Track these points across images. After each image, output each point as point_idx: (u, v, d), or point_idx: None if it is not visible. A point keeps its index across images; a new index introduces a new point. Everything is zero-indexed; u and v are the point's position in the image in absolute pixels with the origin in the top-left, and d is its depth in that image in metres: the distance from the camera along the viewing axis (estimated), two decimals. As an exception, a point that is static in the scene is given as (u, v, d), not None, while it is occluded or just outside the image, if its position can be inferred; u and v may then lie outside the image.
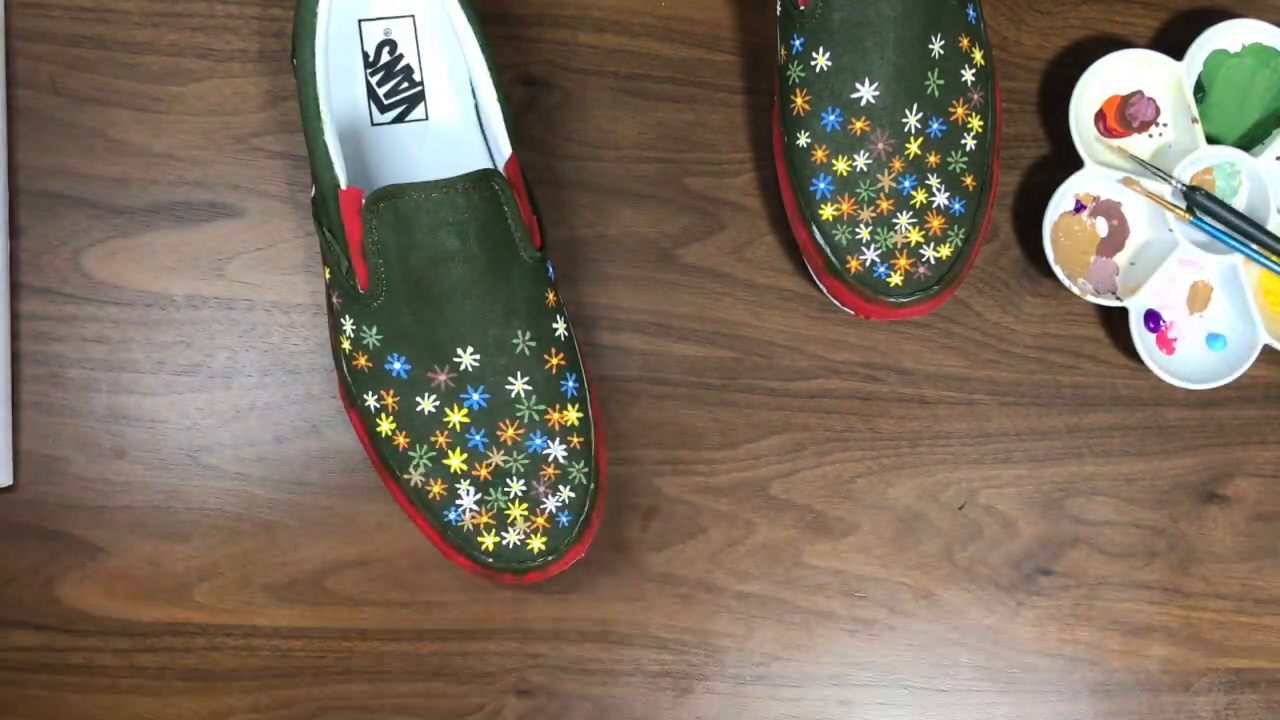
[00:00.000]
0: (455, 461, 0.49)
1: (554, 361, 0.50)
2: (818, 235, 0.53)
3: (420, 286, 0.48)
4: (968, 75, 0.52)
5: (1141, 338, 0.57)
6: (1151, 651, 0.59)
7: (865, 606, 0.58)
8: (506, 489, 0.50)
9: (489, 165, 0.53)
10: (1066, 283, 0.57)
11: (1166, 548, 0.59)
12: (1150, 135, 0.59)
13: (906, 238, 0.52)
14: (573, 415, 0.50)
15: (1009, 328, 0.59)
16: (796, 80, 0.52)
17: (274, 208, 0.56)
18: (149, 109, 0.56)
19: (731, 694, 0.57)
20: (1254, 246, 0.58)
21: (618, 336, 0.57)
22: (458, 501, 0.50)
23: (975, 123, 0.53)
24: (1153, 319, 0.58)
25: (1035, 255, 0.60)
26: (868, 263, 0.52)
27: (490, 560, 0.50)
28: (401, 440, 0.50)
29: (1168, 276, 0.58)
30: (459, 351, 0.49)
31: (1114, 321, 0.60)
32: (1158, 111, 0.59)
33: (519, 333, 0.49)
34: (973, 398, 0.59)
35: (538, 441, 0.50)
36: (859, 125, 0.51)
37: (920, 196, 0.52)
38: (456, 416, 0.49)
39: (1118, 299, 0.57)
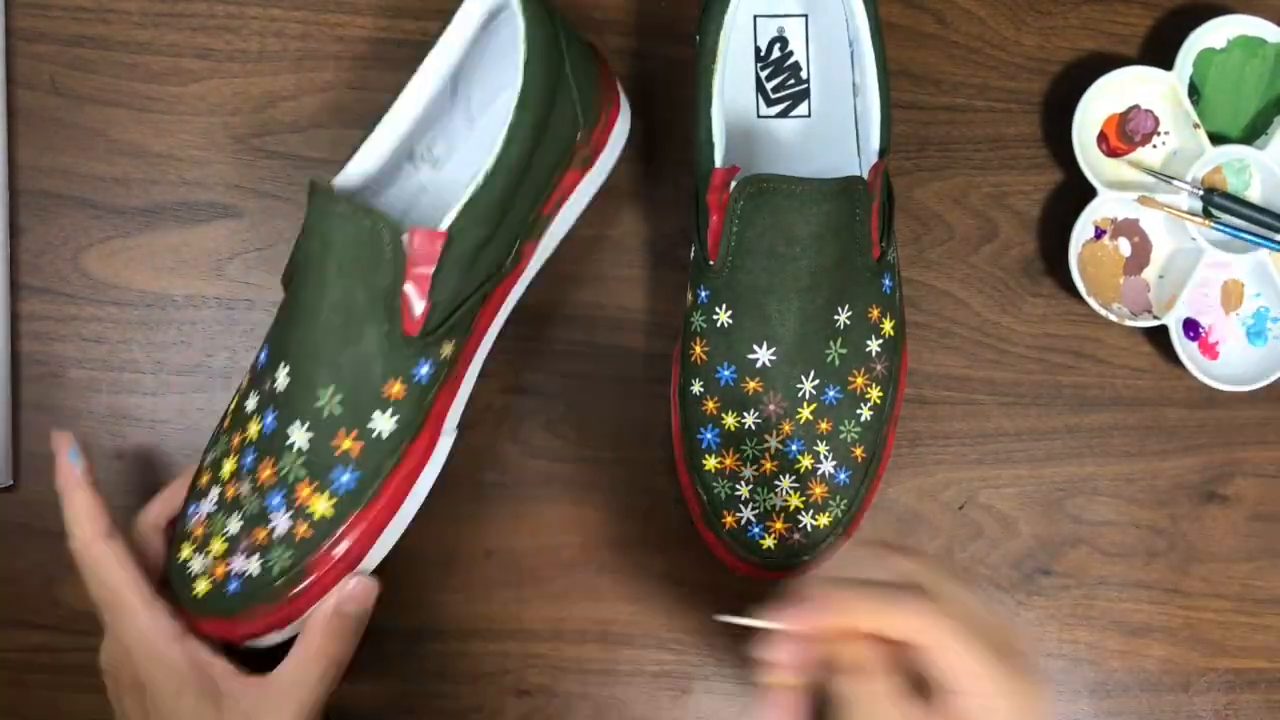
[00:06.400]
0: (228, 466, 0.48)
1: (346, 444, 0.46)
2: (698, 484, 0.52)
3: (293, 283, 0.47)
4: (873, 346, 0.51)
5: (1184, 348, 0.57)
6: (1151, 651, 0.59)
7: (865, 606, 0.58)
8: (226, 522, 0.47)
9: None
10: (1103, 312, 0.57)
11: (1166, 548, 0.59)
12: (1154, 146, 0.59)
13: (786, 501, 0.51)
14: (322, 505, 0.46)
15: (1009, 328, 0.59)
16: (698, 329, 0.51)
17: (274, 208, 0.56)
18: (149, 109, 0.56)
19: (731, 694, 0.57)
20: (1278, 238, 0.58)
21: (618, 336, 0.57)
22: (200, 502, 0.48)
23: (874, 394, 0.52)
24: (1191, 327, 0.58)
25: (1038, 255, 0.60)
26: (743, 521, 0.51)
27: (169, 568, 0.48)
28: (227, 422, 0.49)
29: (1199, 283, 0.58)
30: (281, 366, 0.46)
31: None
32: (1157, 122, 0.59)
33: (331, 387, 0.45)
34: (973, 398, 0.59)
35: (275, 500, 0.46)
36: (752, 385, 0.50)
37: (806, 461, 0.51)
38: (254, 428, 0.47)
39: (1155, 318, 0.57)
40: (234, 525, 0.47)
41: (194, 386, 0.55)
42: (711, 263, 0.50)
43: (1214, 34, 0.58)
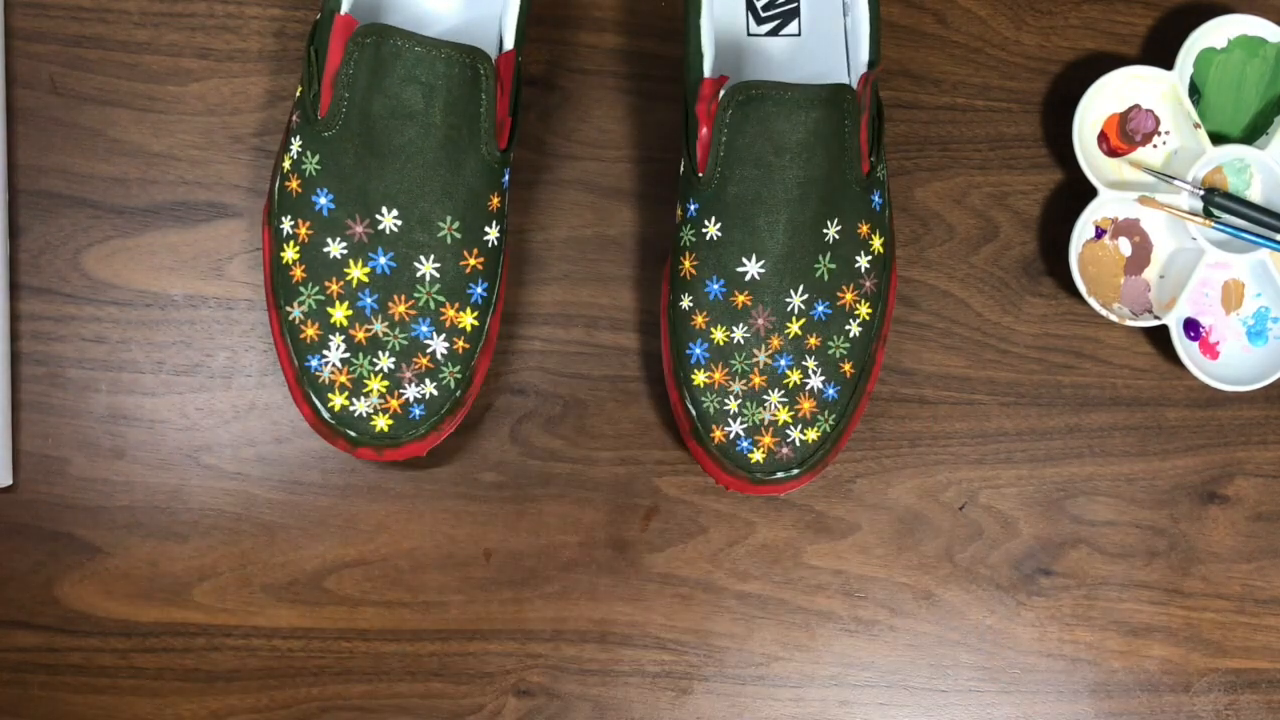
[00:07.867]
0: (338, 313, 0.49)
1: (472, 262, 0.50)
2: (687, 399, 0.52)
3: (372, 133, 0.48)
4: (862, 262, 0.51)
5: (1185, 348, 0.57)
6: (1152, 652, 0.59)
7: (865, 607, 0.58)
8: (375, 361, 0.50)
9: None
10: (1104, 312, 0.57)
11: (1167, 548, 0.59)
12: (1155, 146, 0.59)
13: (775, 416, 0.51)
14: (469, 319, 0.50)
15: (1009, 328, 0.59)
16: (687, 244, 0.51)
17: (274, 208, 0.56)
18: (149, 109, 0.56)
19: (731, 694, 0.57)
20: (1278, 238, 0.58)
21: (618, 336, 0.57)
22: (325, 352, 0.50)
23: (863, 310, 0.52)
24: (1192, 327, 0.58)
25: (1038, 255, 0.60)
26: (732, 435, 0.51)
27: (330, 420, 0.50)
28: (298, 273, 0.50)
29: (1199, 283, 0.58)
30: (383, 210, 0.49)
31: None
32: (1157, 122, 0.59)
33: (447, 218, 0.49)
34: (973, 398, 0.59)
35: (423, 329, 0.50)
36: (741, 299, 0.50)
37: (795, 377, 0.51)
38: (357, 272, 0.49)
39: (1156, 318, 0.57)
40: (385, 362, 0.50)
41: (194, 386, 0.55)
42: (700, 175, 0.50)
43: (1214, 33, 0.58)
